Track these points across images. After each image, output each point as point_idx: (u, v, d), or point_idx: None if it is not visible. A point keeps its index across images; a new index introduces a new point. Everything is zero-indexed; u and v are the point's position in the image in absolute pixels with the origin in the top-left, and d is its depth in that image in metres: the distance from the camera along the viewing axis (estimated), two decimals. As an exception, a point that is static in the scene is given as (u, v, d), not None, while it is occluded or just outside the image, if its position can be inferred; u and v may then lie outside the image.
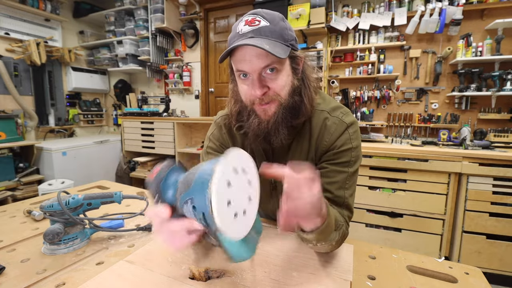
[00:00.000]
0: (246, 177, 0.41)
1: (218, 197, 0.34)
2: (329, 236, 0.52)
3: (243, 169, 0.41)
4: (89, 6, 3.56)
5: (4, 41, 2.84)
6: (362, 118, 2.50)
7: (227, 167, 0.37)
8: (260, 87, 0.57)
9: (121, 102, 3.80)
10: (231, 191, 0.37)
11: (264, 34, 0.55)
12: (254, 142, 0.67)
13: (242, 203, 0.40)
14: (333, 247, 0.59)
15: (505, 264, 1.68)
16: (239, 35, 0.57)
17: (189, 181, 0.39)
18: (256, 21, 0.56)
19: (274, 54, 0.52)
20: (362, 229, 2.03)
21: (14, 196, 2.45)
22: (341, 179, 0.64)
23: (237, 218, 0.38)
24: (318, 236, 0.49)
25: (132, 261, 0.58)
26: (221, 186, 0.35)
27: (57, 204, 0.67)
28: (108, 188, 1.24)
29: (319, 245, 0.53)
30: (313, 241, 0.51)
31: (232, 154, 0.39)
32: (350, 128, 0.66)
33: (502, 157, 1.64)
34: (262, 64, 0.56)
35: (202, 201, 0.35)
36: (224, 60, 0.60)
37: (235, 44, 0.54)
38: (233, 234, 0.37)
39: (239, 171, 0.40)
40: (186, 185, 0.39)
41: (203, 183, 0.36)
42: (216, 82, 3.40)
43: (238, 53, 0.57)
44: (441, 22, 2.15)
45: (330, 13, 2.50)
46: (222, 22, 3.26)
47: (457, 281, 0.60)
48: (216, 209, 0.34)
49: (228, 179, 0.37)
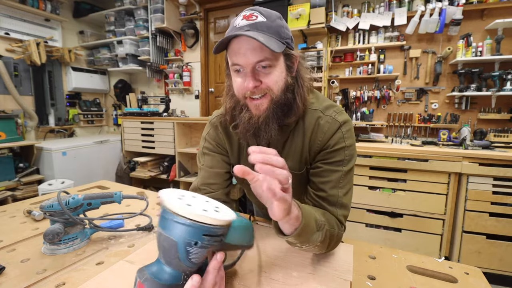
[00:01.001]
0: (200, 198, 0.44)
1: (173, 201, 0.37)
2: (311, 237, 0.52)
3: (191, 196, 0.44)
4: (89, 6, 3.56)
5: (4, 41, 2.84)
6: (362, 118, 2.50)
7: (171, 196, 0.40)
8: (253, 79, 0.57)
9: (121, 102, 3.80)
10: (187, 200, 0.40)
11: (261, 29, 0.56)
12: (244, 136, 0.67)
13: (201, 205, 0.41)
14: (322, 248, 0.58)
15: (505, 264, 1.68)
16: (236, 28, 0.57)
17: (163, 242, 0.39)
18: (253, 16, 0.57)
19: (268, 46, 0.52)
20: (362, 229, 2.03)
21: (14, 196, 2.45)
22: (335, 178, 0.64)
23: (192, 204, 0.39)
24: (299, 238, 0.50)
25: (132, 261, 0.58)
26: (173, 200, 0.38)
27: (57, 204, 0.67)
28: (108, 188, 1.24)
29: (304, 247, 0.54)
30: (296, 243, 0.53)
31: (165, 191, 0.41)
32: (343, 126, 0.66)
33: (502, 157, 1.64)
34: (256, 59, 0.56)
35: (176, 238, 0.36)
36: (220, 51, 0.60)
37: (229, 35, 0.55)
38: (190, 215, 0.37)
39: (185, 196, 0.42)
40: (165, 247, 0.38)
41: (169, 225, 0.37)
42: (216, 82, 3.40)
43: (233, 46, 0.58)
44: (441, 22, 2.15)
45: (330, 13, 2.50)
46: (222, 22, 3.26)
47: (457, 281, 0.60)
48: (169, 204, 0.37)
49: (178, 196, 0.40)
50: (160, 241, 0.38)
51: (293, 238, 0.50)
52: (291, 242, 0.53)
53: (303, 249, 0.56)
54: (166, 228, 0.37)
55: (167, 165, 3.01)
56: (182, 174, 2.96)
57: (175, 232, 0.36)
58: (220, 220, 0.37)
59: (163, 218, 0.37)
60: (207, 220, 0.36)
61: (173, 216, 0.36)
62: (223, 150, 0.78)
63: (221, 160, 0.77)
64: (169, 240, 0.36)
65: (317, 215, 0.56)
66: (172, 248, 0.37)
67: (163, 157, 3.13)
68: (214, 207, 0.42)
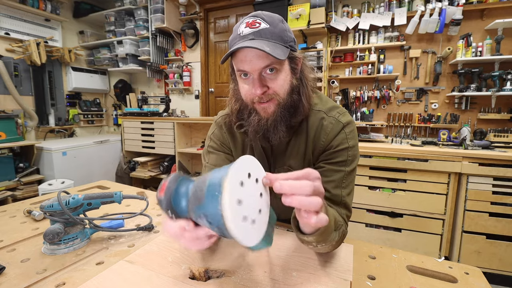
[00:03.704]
0: (257, 187, 0.41)
1: (232, 214, 0.34)
2: (329, 236, 0.52)
3: (256, 179, 0.40)
4: (89, 6, 3.56)
5: (4, 41, 2.84)
6: (362, 118, 2.50)
7: (237, 178, 0.36)
8: (260, 86, 0.59)
9: (121, 102, 3.80)
10: (244, 206, 0.37)
11: (265, 36, 0.57)
12: (254, 139, 0.69)
13: (254, 210, 0.39)
14: (333, 247, 0.59)
15: (505, 264, 1.69)
16: (240, 37, 0.58)
17: (200, 195, 0.38)
18: (256, 23, 0.58)
19: (274, 56, 0.54)
20: (362, 229, 2.03)
21: (14, 196, 2.45)
22: (338, 178, 0.65)
23: (253, 225, 0.38)
24: (318, 238, 0.49)
25: (132, 261, 0.58)
26: (232, 203, 0.35)
27: (57, 204, 0.67)
28: (108, 188, 1.24)
29: (319, 246, 0.54)
30: (313, 242, 0.52)
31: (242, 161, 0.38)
32: (346, 127, 0.67)
33: (502, 157, 1.64)
34: (262, 65, 0.57)
35: (216, 216, 0.35)
36: (226, 61, 0.62)
37: (236, 46, 0.56)
38: (249, 243, 0.37)
39: (251, 180, 0.39)
40: (197, 198, 0.38)
41: (212, 197, 0.35)
42: (216, 82, 3.41)
43: (239, 54, 0.59)
44: (441, 22, 2.15)
45: (330, 13, 2.50)
46: (222, 22, 3.26)
47: (457, 281, 0.60)
48: (231, 226, 0.34)
49: (238, 196, 0.36)
50: (199, 187, 0.38)
51: (314, 237, 0.49)
52: (307, 241, 0.52)
53: (317, 248, 0.55)
54: (209, 208, 0.36)
55: (167, 165, 3.01)
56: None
57: (209, 206, 0.36)
58: (239, 241, 0.36)
59: (213, 197, 0.35)
60: (232, 234, 0.35)
61: (217, 203, 0.34)
62: (227, 149, 0.80)
63: (225, 158, 0.79)
64: (202, 209, 0.37)
65: (336, 215, 0.57)
66: (199, 199, 0.37)
67: (163, 157, 3.13)
68: (258, 212, 0.40)
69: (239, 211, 0.36)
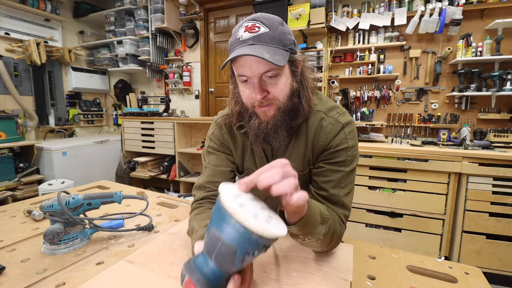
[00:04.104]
0: (256, 204, 0.44)
1: (243, 213, 0.37)
2: (315, 229, 0.53)
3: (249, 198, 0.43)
4: (89, 6, 3.56)
5: (4, 41, 2.84)
6: (362, 118, 2.50)
7: (234, 201, 0.39)
8: (260, 91, 0.59)
9: (121, 102, 3.80)
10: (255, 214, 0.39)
11: (264, 41, 0.57)
12: (255, 142, 0.69)
13: (263, 214, 0.41)
14: (325, 244, 0.59)
15: (505, 264, 1.69)
16: (240, 42, 0.58)
17: (215, 239, 0.39)
18: (255, 27, 0.58)
19: (274, 63, 0.54)
20: (362, 229, 2.03)
21: (14, 196, 2.45)
22: (336, 178, 0.65)
23: (269, 220, 0.40)
24: (302, 229, 0.51)
25: (132, 261, 0.58)
26: (236, 206, 0.38)
27: (57, 204, 0.67)
28: (108, 188, 1.24)
29: (307, 240, 0.55)
30: (300, 235, 0.53)
31: (224, 187, 0.42)
32: (346, 128, 0.67)
33: (502, 157, 1.64)
34: (262, 70, 0.58)
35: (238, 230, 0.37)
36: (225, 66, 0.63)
37: (235, 54, 0.56)
38: (276, 232, 0.38)
39: (245, 198, 0.42)
40: (215, 246, 0.39)
41: (224, 221, 0.38)
42: (216, 82, 3.41)
43: (239, 59, 0.59)
44: (441, 22, 2.15)
45: (330, 13, 2.50)
46: (222, 22, 3.26)
47: (457, 281, 0.60)
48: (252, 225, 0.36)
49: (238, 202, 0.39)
50: (215, 244, 0.39)
51: (297, 228, 0.50)
52: (294, 233, 0.53)
53: (305, 242, 0.56)
54: (228, 235, 0.37)
55: (167, 165, 3.01)
56: (182, 174, 2.96)
57: (239, 241, 0.37)
58: (280, 235, 0.38)
59: (226, 223, 0.38)
60: (272, 236, 0.37)
61: (240, 227, 0.36)
62: (227, 150, 0.80)
63: (225, 159, 0.79)
64: (230, 247, 0.37)
65: (322, 208, 0.57)
66: (230, 255, 0.38)
67: (163, 157, 3.13)
68: (268, 216, 0.42)
69: (248, 211, 0.38)
